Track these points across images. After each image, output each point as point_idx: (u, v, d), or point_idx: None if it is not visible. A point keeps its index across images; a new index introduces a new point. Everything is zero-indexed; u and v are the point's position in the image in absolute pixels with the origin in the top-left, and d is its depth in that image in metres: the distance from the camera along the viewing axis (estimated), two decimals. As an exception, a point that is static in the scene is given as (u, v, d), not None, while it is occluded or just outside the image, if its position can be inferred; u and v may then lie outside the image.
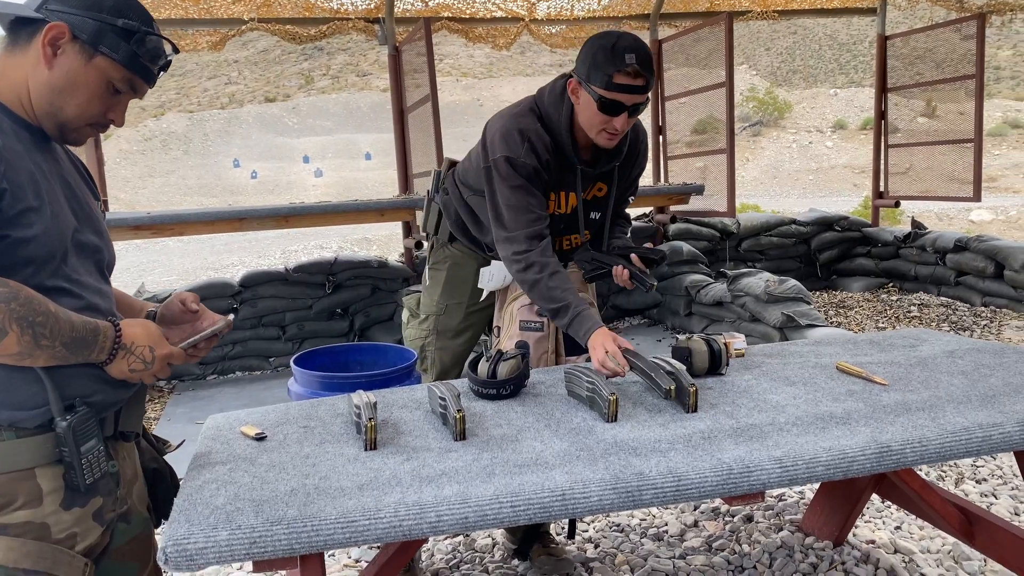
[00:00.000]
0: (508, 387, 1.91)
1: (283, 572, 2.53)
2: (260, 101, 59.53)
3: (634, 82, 2.02)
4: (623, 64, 2.00)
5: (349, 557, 2.68)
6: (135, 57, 1.32)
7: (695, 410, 1.76)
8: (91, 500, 1.31)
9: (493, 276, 2.27)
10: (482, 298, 2.39)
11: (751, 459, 1.53)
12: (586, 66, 2.07)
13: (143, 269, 13.55)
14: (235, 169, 41.76)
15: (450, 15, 6.14)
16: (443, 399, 1.73)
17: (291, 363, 2.26)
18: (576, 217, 2.33)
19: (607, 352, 1.93)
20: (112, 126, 1.41)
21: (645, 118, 2.69)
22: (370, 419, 1.63)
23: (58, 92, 1.29)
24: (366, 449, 1.62)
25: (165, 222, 4.90)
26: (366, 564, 2.62)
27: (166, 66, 1.41)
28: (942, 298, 6.33)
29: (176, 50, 1.42)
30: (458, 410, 1.66)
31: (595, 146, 2.22)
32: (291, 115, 53.98)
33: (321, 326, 5.42)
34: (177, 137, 46.89)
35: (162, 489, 1.56)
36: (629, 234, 2.47)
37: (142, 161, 42.18)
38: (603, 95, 2.04)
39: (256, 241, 17.82)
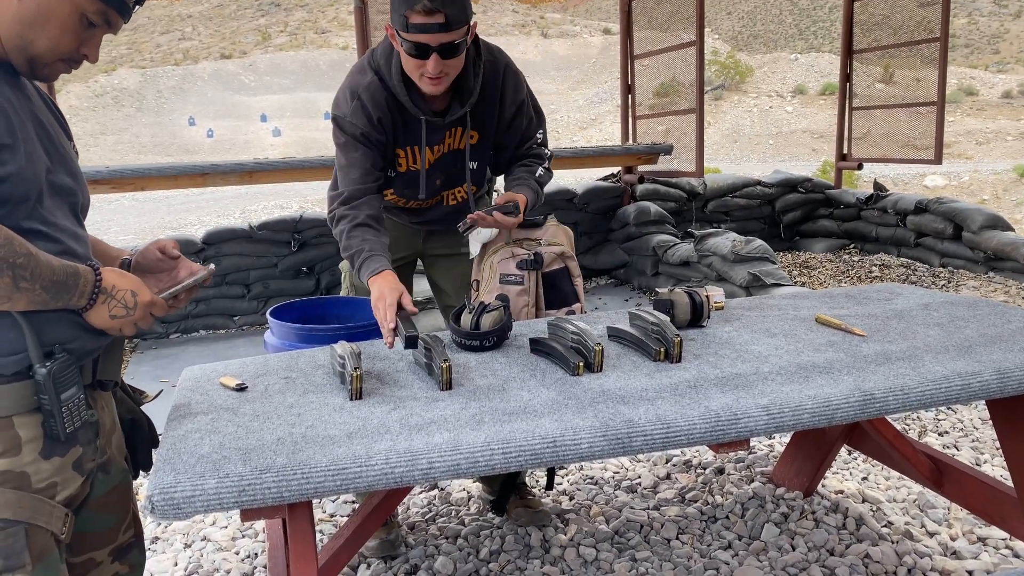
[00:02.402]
0: (491, 339, 1.90)
1: (262, 522, 2.52)
2: (216, 58, 58.05)
3: (430, 20, 1.89)
4: (415, 1, 1.88)
5: (324, 512, 2.67)
6: None
7: (679, 360, 1.77)
8: (71, 449, 1.27)
9: (480, 231, 2.24)
10: (472, 254, 2.35)
11: (738, 407, 1.54)
12: (391, 9, 1.96)
13: (99, 228, 13.22)
14: (190, 127, 40.80)
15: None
16: (428, 349, 1.71)
17: (268, 315, 2.22)
18: (447, 169, 2.26)
19: (382, 299, 1.89)
20: (85, 62, 1.35)
21: (614, 77, 2.62)
22: (355, 368, 1.60)
23: (28, 25, 1.22)
24: (351, 399, 1.60)
25: (126, 176, 4.77)
26: (341, 518, 2.62)
27: (142, 0, 1.35)
28: (902, 259, 6.45)
29: (154, -18, 1.35)
30: (444, 360, 1.65)
31: (445, 93, 2.13)
32: (248, 72, 52.76)
33: (287, 284, 5.34)
34: (129, 94, 45.59)
35: (140, 440, 1.52)
36: (539, 172, 2.33)
37: (93, 118, 41.01)
38: (404, 37, 1.95)
39: (215, 200, 17.48)
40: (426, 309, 4.32)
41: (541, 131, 2.37)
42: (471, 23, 2.01)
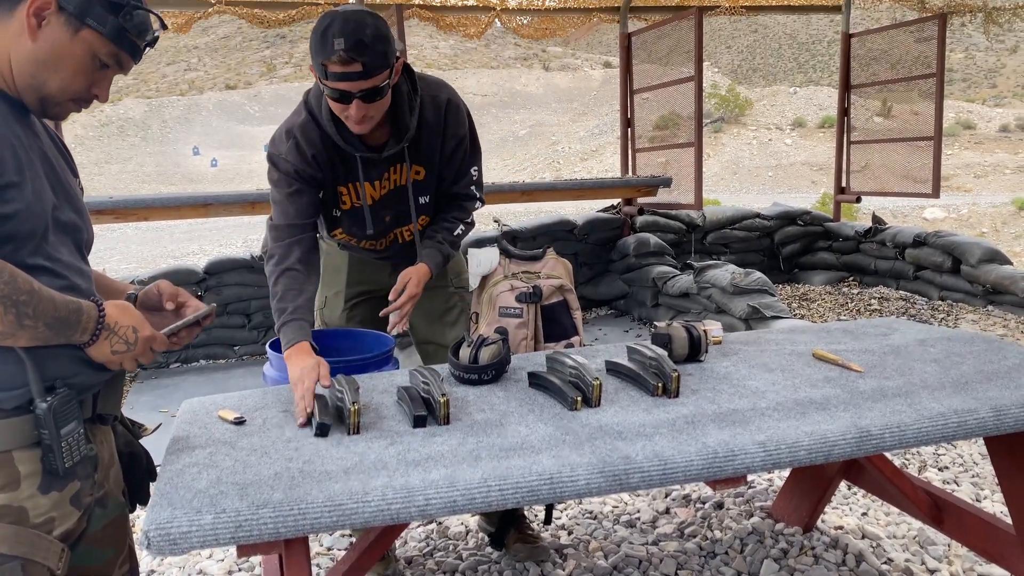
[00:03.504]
0: (490, 372, 1.91)
1: (259, 557, 2.51)
2: (221, 88, 58.66)
3: (348, 69, 1.88)
4: (332, 52, 1.87)
5: (321, 545, 2.66)
6: (122, 31, 1.27)
7: (677, 395, 1.77)
8: (69, 484, 1.27)
9: (481, 263, 2.25)
10: (472, 287, 2.35)
11: (735, 443, 1.54)
12: (311, 54, 1.97)
13: (102, 256, 13.26)
14: (195, 157, 41.11)
15: (421, 2, 6.08)
16: (426, 383, 1.72)
17: (267, 348, 2.22)
18: (395, 206, 2.24)
19: (300, 382, 1.76)
20: (96, 101, 1.37)
21: (615, 110, 2.63)
22: (353, 403, 1.61)
23: (42, 65, 1.25)
24: (349, 433, 1.60)
25: (129, 207, 4.80)
26: (339, 552, 2.61)
27: (153, 42, 1.37)
28: (901, 292, 6.46)
29: (164, 26, 1.38)
30: (442, 394, 1.65)
31: (383, 130, 2.13)
32: (253, 103, 53.26)
33: (287, 315, 5.35)
34: (135, 123, 46.00)
35: (137, 474, 1.53)
36: (457, 231, 2.30)
37: (98, 147, 41.33)
38: (325, 84, 1.95)
39: (217, 230, 17.55)
40: (410, 347, 4.30)
41: (475, 168, 2.32)
42: (394, 66, 1.98)
